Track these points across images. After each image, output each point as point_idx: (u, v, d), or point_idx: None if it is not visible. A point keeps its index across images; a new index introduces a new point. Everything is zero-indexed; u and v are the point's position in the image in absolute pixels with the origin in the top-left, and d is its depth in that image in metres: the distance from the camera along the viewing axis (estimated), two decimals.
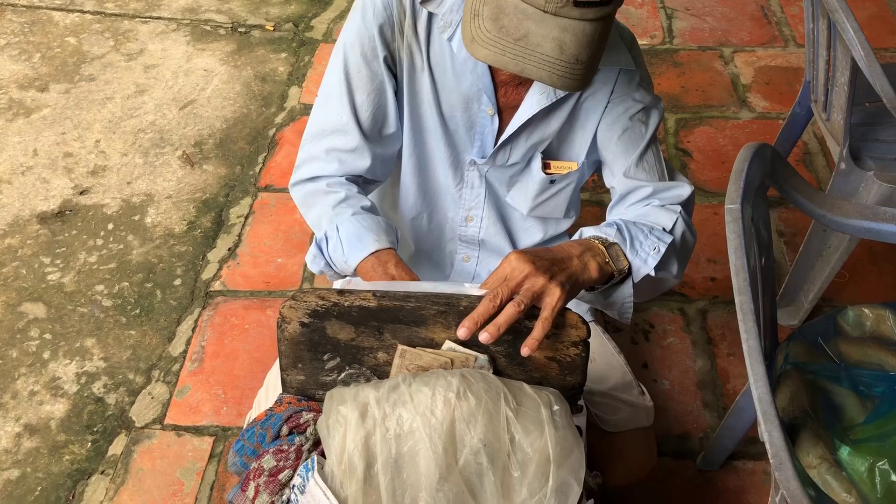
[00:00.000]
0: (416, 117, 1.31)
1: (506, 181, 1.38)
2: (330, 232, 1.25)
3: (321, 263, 1.28)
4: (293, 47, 3.15)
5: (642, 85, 1.29)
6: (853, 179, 1.82)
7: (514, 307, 1.02)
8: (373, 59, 1.25)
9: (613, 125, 1.29)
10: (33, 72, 2.98)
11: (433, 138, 1.32)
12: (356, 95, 1.27)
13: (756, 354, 0.94)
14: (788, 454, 0.93)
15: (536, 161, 1.33)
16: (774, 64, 2.98)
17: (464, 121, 1.30)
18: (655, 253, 1.19)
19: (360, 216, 1.25)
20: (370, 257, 1.21)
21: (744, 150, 1.16)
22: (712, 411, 1.91)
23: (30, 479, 1.80)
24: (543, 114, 1.27)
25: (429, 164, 1.36)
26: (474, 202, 1.39)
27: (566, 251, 1.12)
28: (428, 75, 1.26)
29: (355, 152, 1.30)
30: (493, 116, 1.28)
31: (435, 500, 0.95)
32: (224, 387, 1.97)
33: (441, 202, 1.41)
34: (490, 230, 1.43)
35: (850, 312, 1.38)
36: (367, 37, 1.23)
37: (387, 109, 1.29)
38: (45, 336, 2.09)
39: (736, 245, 1.02)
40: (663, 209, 1.25)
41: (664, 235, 1.21)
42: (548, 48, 1.01)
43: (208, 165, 2.61)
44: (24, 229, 2.38)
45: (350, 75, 1.26)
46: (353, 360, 1.11)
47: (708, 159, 2.59)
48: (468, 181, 1.37)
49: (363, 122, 1.28)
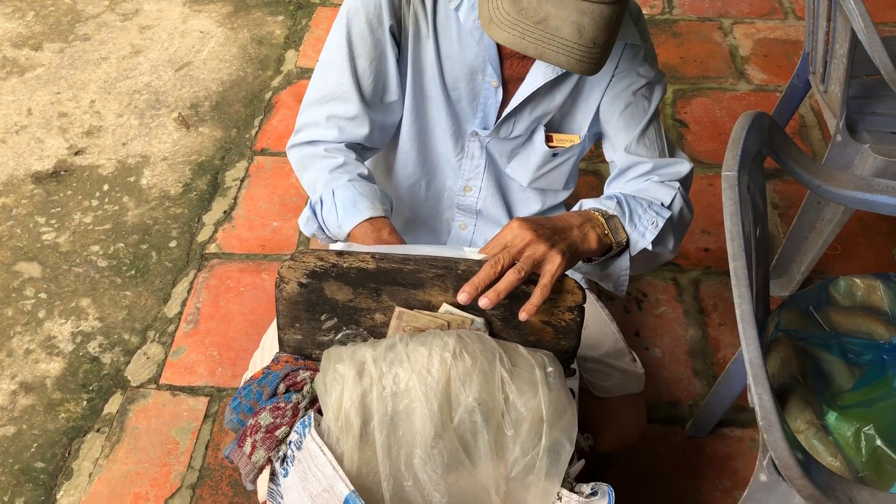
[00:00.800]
0: (419, 86, 1.31)
1: (507, 153, 1.38)
2: (325, 196, 1.26)
3: (314, 226, 1.29)
4: (290, 10, 3.12)
5: (647, 60, 1.29)
6: (849, 152, 1.83)
7: (514, 274, 1.03)
8: (377, 27, 1.24)
9: (616, 100, 1.29)
10: (27, 30, 2.95)
11: (435, 107, 1.32)
12: (358, 63, 1.27)
13: (749, 319, 0.95)
14: (777, 417, 0.95)
15: (539, 134, 1.33)
16: (773, 36, 2.98)
17: (467, 91, 1.30)
18: (654, 227, 1.20)
19: (357, 182, 1.26)
20: (364, 223, 1.22)
21: (742, 118, 1.16)
22: (702, 379, 1.93)
23: (26, 435, 1.81)
24: (548, 87, 1.27)
25: (429, 133, 1.36)
26: (473, 172, 1.40)
27: (567, 221, 1.13)
28: (433, 44, 1.26)
29: (355, 120, 1.30)
30: (497, 88, 1.27)
31: (430, 457, 0.97)
32: (219, 348, 1.98)
33: (440, 171, 1.41)
34: (488, 200, 1.43)
35: (841, 282, 1.39)
36: (374, 4, 1.23)
37: (388, 77, 1.29)
38: (40, 295, 2.10)
39: (732, 211, 1.03)
40: (662, 185, 1.26)
41: (663, 210, 1.22)
42: (567, 32, 1.00)
43: (204, 128, 2.60)
44: (18, 188, 2.37)
45: (353, 42, 1.26)
46: (350, 321, 1.12)
47: (705, 130, 2.59)
48: (468, 152, 1.37)
49: (364, 89, 1.28)
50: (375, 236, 1.21)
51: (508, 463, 0.98)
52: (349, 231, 1.23)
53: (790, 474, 0.97)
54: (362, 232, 1.22)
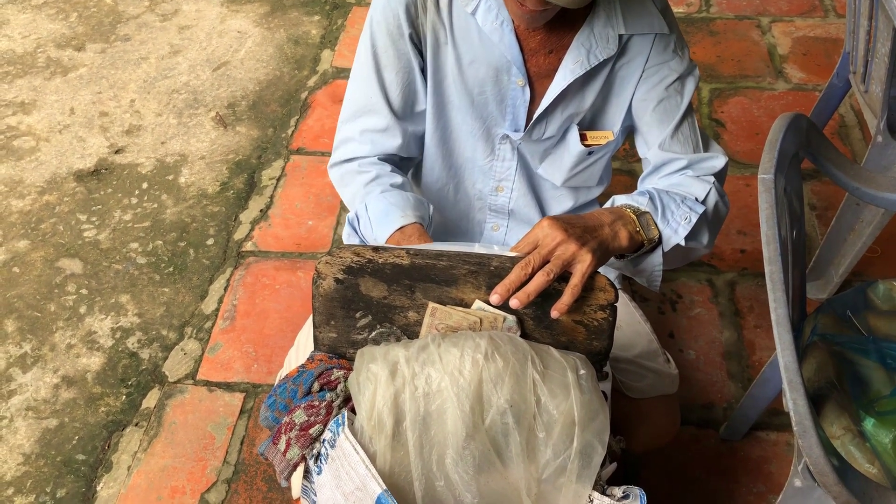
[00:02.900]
0: (440, 93, 1.31)
1: (539, 154, 1.37)
2: (360, 210, 1.29)
3: (356, 239, 1.32)
4: (326, 10, 3.15)
5: (677, 51, 1.28)
6: (890, 153, 1.80)
7: (544, 276, 1.04)
8: (399, 38, 1.26)
9: (649, 94, 1.28)
10: (70, 31, 3.01)
11: (458, 113, 1.33)
12: (385, 74, 1.29)
13: (784, 323, 0.95)
14: (813, 422, 0.94)
15: (573, 133, 1.33)
16: (813, 34, 2.93)
17: (494, 94, 1.30)
18: (686, 223, 1.19)
19: (388, 193, 1.28)
20: (396, 233, 1.23)
21: (779, 120, 1.15)
22: (737, 382, 1.91)
23: (67, 428, 1.86)
24: (578, 85, 1.27)
25: (452, 138, 1.36)
26: (505, 174, 1.40)
27: (598, 219, 1.13)
28: (452, 50, 1.26)
29: (387, 132, 1.32)
30: (524, 87, 1.27)
31: (461, 458, 0.98)
32: (255, 345, 2.01)
33: (468, 174, 1.41)
34: (520, 201, 1.43)
35: (880, 286, 1.37)
36: (392, 15, 1.24)
37: (416, 86, 1.30)
38: (81, 291, 2.14)
39: (768, 215, 1.02)
40: (697, 179, 1.25)
41: (696, 205, 1.21)
42: None
43: (241, 127, 2.63)
44: (61, 186, 2.43)
45: (378, 55, 1.28)
46: (384, 319, 1.13)
47: (742, 130, 2.56)
48: (499, 154, 1.37)
49: (393, 100, 1.30)
50: (406, 245, 1.22)
51: (540, 465, 0.99)
52: (384, 242, 1.24)
53: (826, 481, 0.96)
54: (395, 242, 1.24)
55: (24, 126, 2.63)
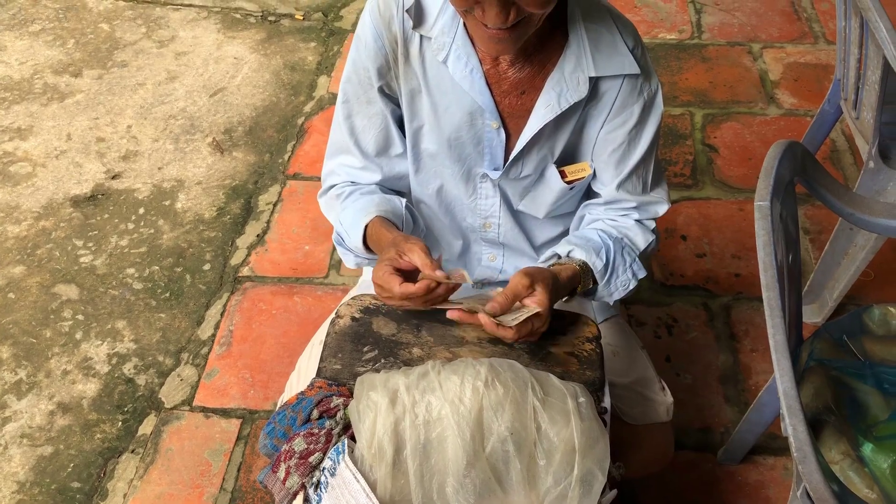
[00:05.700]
0: (417, 140, 1.33)
1: (519, 192, 1.38)
2: (337, 226, 1.34)
3: (351, 258, 1.36)
4: (322, 37, 3.17)
5: (643, 92, 1.26)
6: (881, 178, 1.82)
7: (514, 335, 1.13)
8: (369, 89, 1.29)
9: (609, 136, 1.29)
10: (67, 57, 3.02)
11: (438, 156, 1.34)
12: (355, 121, 1.33)
13: (783, 350, 0.95)
14: (812, 449, 0.94)
15: (551, 171, 1.33)
16: (804, 60, 2.97)
17: (470, 137, 1.30)
18: (623, 289, 1.31)
19: (356, 201, 1.33)
20: (365, 233, 1.28)
21: (774, 147, 1.17)
22: (734, 406, 1.92)
23: (63, 455, 1.85)
24: (551, 127, 1.26)
25: (437, 179, 1.38)
26: (490, 210, 1.41)
27: (563, 284, 1.23)
28: (427, 98, 1.28)
29: (364, 169, 1.37)
30: (498, 129, 1.28)
31: (462, 486, 0.98)
32: (251, 371, 2.01)
33: (458, 211, 1.43)
34: (509, 234, 1.44)
35: (875, 311, 1.38)
36: (362, 68, 1.27)
37: (389, 132, 1.34)
38: (77, 317, 2.14)
39: (765, 241, 1.03)
40: (641, 228, 1.35)
41: (639, 270, 1.32)
42: None
43: (238, 152, 2.64)
44: (57, 212, 2.43)
45: (349, 102, 1.32)
46: (389, 354, 1.19)
47: (735, 155, 2.59)
48: (482, 192, 1.38)
49: (365, 145, 1.35)
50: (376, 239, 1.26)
51: (541, 492, 0.99)
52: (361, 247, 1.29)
53: None
54: (371, 242, 1.29)
55: (21, 152, 2.64)
